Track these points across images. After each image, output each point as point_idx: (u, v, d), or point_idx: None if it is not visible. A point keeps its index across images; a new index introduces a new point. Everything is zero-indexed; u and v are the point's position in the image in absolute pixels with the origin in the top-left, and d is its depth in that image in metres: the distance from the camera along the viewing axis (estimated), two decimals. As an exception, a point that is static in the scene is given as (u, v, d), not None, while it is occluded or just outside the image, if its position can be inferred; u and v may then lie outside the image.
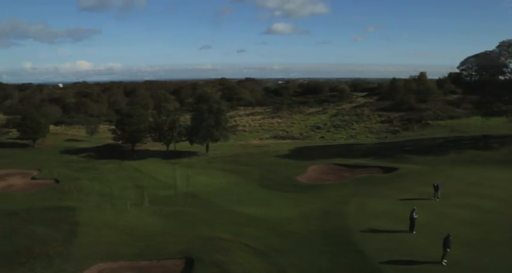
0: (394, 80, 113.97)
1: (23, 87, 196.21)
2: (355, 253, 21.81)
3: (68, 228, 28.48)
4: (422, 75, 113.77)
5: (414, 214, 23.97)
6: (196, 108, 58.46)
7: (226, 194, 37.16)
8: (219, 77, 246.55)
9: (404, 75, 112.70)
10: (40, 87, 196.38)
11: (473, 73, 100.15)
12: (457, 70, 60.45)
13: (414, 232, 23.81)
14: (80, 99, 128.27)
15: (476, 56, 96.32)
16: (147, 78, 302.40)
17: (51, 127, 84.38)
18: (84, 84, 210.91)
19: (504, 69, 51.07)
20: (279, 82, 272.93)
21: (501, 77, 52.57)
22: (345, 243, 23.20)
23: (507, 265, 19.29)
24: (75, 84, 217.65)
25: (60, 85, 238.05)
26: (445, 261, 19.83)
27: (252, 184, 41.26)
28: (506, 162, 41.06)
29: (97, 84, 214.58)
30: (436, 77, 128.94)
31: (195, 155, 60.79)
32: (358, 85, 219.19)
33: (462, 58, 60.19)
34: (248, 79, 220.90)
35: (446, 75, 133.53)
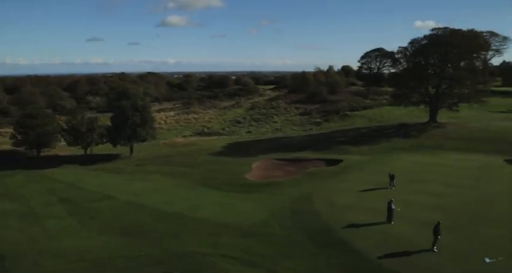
0: (304, 73, 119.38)
1: None
2: (348, 252, 21.38)
3: (-10, 264, 22.59)
4: (331, 68, 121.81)
5: (392, 205, 24.64)
6: (118, 106, 52.10)
7: (175, 199, 33.83)
8: (112, 72, 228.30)
9: (299, 69, 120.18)
10: None
11: (372, 67, 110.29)
12: (352, 64, 65.51)
13: (392, 223, 24.44)
14: None
15: (374, 51, 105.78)
16: (26, 73, 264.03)
17: None
18: None
19: (417, 63, 56.52)
20: (175, 76, 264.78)
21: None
22: (334, 243, 22.65)
23: (487, 245, 20.84)
24: None
25: None
26: (435, 247, 20.61)
27: (198, 187, 38.26)
28: (429, 148, 45.62)
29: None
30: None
31: (118, 158, 54.57)
32: (258, 79, 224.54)
33: (354, 53, 65.60)
34: (150, 74, 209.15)
35: (340, 68, 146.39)
